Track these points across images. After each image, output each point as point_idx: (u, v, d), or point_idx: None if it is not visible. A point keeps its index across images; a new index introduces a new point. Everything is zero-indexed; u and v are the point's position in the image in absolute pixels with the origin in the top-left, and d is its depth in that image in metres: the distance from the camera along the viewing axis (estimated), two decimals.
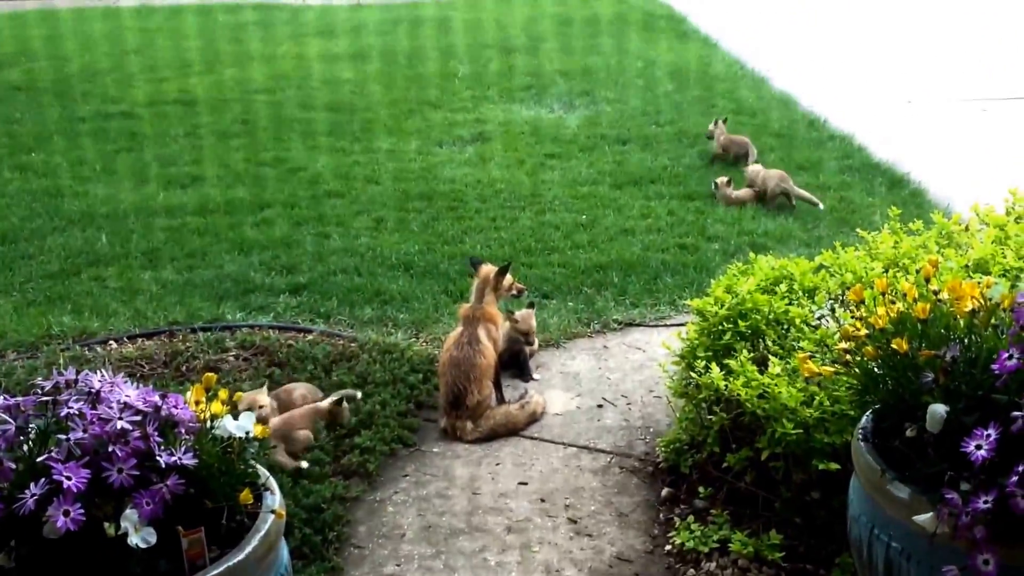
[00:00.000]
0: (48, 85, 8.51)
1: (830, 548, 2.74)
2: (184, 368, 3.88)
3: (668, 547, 2.91)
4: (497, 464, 3.37)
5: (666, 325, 4.27)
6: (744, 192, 5.65)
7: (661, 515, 3.08)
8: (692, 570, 2.79)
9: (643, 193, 5.87)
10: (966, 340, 2.14)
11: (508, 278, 3.75)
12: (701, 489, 3.06)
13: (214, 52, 9.54)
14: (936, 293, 2.25)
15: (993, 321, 2.14)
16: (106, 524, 1.85)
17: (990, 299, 2.14)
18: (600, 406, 3.72)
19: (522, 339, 3.88)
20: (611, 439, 3.49)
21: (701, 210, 5.59)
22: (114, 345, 4.15)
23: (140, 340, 4.18)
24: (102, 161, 6.58)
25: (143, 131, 7.22)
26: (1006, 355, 1.98)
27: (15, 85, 8.58)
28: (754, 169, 5.80)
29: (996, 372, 2.00)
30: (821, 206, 5.51)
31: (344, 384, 3.65)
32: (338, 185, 6.09)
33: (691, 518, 2.96)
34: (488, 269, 3.72)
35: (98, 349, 4.09)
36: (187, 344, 4.06)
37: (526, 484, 3.25)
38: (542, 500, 3.17)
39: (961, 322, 2.17)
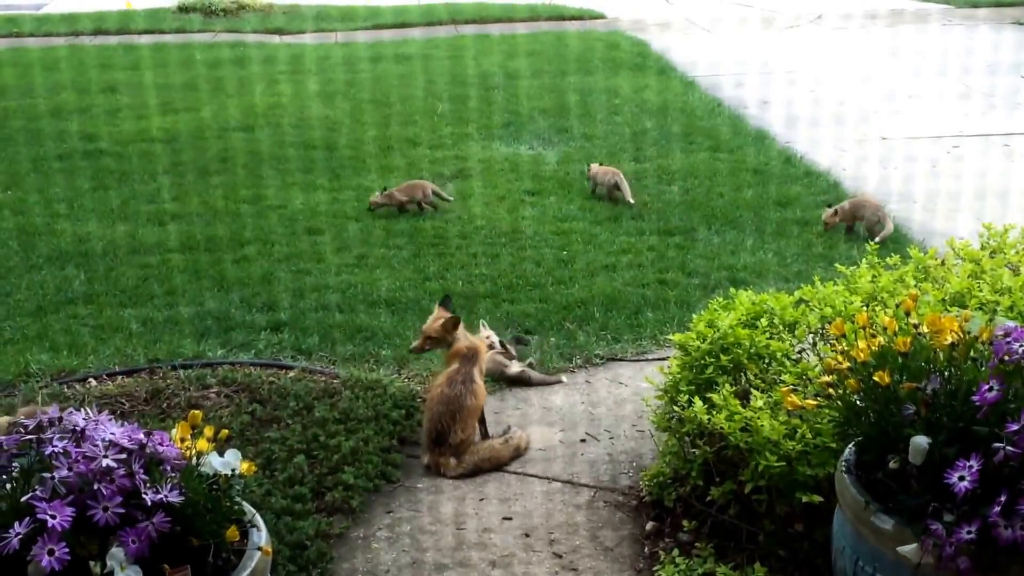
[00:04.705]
0: (23, 123, 8.47)
1: None
2: (165, 405, 3.84)
3: None
4: (481, 499, 3.36)
5: (648, 359, 4.29)
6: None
7: (646, 549, 3.07)
8: None
9: (623, 229, 5.93)
10: (946, 373, 2.19)
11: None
12: (685, 523, 3.06)
13: (193, 89, 9.55)
14: (916, 327, 2.30)
15: (972, 354, 2.19)
16: (91, 563, 1.83)
17: (969, 332, 2.20)
18: (583, 440, 3.72)
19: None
20: (595, 473, 3.49)
21: (681, 245, 5.65)
22: (93, 383, 4.10)
23: (120, 377, 4.14)
24: (80, 199, 6.53)
25: (122, 168, 7.18)
26: (986, 387, 2.03)
27: None
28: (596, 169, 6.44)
29: (976, 404, 2.04)
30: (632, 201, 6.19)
31: (327, 421, 3.63)
32: (318, 222, 6.10)
33: (676, 552, 2.95)
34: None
35: (77, 387, 4.04)
36: (168, 381, 4.02)
37: (511, 519, 3.23)
38: (527, 535, 3.15)
39: (941, 355, 2.21)
